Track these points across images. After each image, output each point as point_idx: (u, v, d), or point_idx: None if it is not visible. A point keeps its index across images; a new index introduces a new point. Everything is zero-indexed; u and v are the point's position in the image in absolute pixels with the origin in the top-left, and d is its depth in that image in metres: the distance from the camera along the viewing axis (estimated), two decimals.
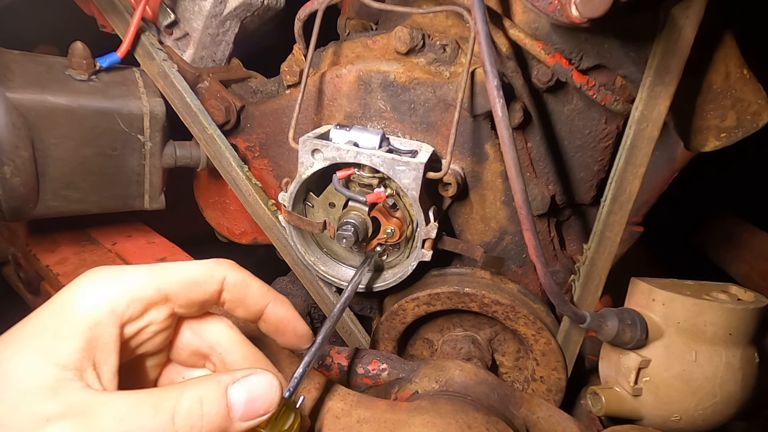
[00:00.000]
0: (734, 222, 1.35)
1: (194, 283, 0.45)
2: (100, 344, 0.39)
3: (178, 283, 0.44)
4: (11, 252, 1.02)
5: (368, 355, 0.75)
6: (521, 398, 0.71)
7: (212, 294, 0.46)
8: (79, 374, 0.37)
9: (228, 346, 0.49)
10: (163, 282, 0.43)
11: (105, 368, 0.40)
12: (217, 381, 0.41)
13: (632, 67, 0.76)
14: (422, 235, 0.77)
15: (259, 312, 0.50)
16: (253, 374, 0.43)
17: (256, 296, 0.49)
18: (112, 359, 0.40)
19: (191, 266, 0.46)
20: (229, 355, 0.48)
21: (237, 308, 0.49)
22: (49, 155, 0.77)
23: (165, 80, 0.87)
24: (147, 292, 0.42)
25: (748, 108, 0.77)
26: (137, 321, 0.42)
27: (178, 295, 0.44)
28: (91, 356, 0.39)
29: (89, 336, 0.39)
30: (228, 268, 0.47)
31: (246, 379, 0.42)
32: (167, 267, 0.44)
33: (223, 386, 0.41)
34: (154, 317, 0.43)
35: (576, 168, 0.86)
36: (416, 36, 0.79)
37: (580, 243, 0.96)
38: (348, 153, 0.73)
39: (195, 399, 0.39)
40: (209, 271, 0.46)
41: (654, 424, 0.74)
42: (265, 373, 0.43)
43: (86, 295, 0.40)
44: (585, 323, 0.72)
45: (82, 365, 0.38)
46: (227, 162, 0.90)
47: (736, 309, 0.70)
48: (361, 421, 0.58)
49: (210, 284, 0.46)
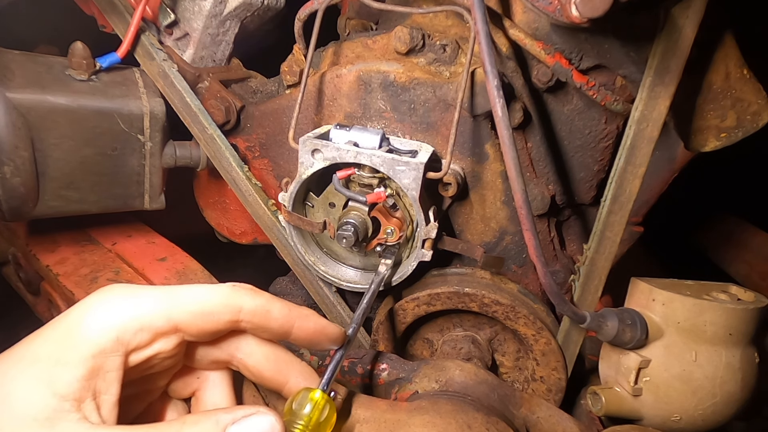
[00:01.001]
0: (734, 222, 1.35)
1: (207, 314, 0.43)
2: (103, 373, 0.38)
3: (191, 314, 0.42)
4: (11, 252, 1.02)
5: (368, 355, 0.75)
6: (521, 398, 0.71)
7: (226, 324, 0.44)
8: (77, 405, 0.37)
9: (249, 350, 0.47)
10: (175, 312, 0.41)
11: (105, 398, 0.39)
12: (215, 421, 0.39)
13: (632, 67, 0.76)
14: (422, 235, 0.77)
15: (285, 333, 0.47)
16: (254, 414, 0.40)
17: (279, 320, 0.46)
18: (114, 388, 0.39)
19: (206, 294, 0.43)
20: (251, 358, 0.47)
21: (261, 333, 0.47)
22: (49, 155, 0.77)
23: (165, 80, 0.87)
24: (157, 322, 0.41)
25: (748, 108, 0.77)
26: (144, 350, 0.41)
27: (190, 326, 0.42)
28: (92, 386, 0.38)
29: (92, 365, 0.38)
30: (245, 296, 0.44)
31: (246, 421, 0.40)
32: (181, 294, 0.42)
33: (222, 427, 0.39)
34: (163, 347, 0.42)
35: (576, 168, 0.86)
36: (416, 36, 0.79)
37: (580, 243, 0.96)
38: (348, 153, 0.73)
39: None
40: (224, 300, 0.43)
41: (654, 424, 0.74)
42: (267, 414, 0.41)
43: (93, 319, 0.39)
44: (585, 323, 0.72)
45: (81, 395, 0.37)
46: (227, 162, 0.90)
47: (736, 309, 0.70)
48: (361, 421, 0.58)
49: (224, 314, 0.43)
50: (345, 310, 0.95)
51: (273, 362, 0.47)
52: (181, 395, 0.50)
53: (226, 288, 0.44)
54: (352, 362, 0.74)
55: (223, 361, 0.48)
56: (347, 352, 0.56)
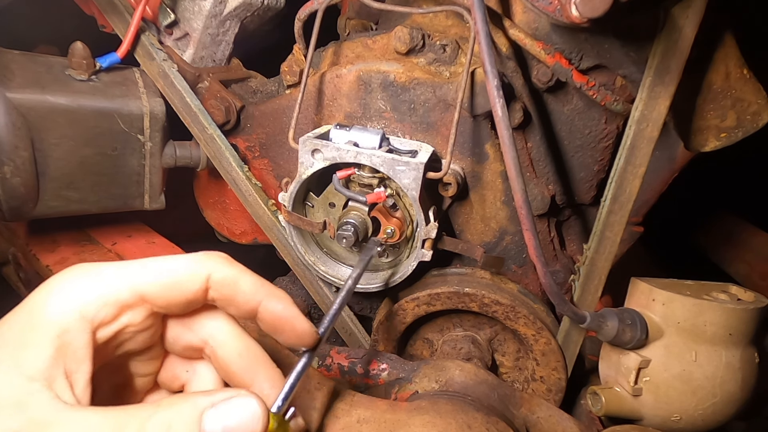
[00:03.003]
0: (734, 222, 1.35)
1: (174, 282, 0.41)
2: (71, 351, 0.37)
3: (156, 284, 0.40)
4: (11, 252, 1.02)
5: (368, 355, 0.75)
6: (521, 398, 0.71)
7: (196, 293, 0.42)
8: (48, 384, 0.36)
9: (222, 339, 0.44)
10: (139, 283, 0.40)
11: (77, 377, 0.38)
12: (192, 404, 0.37)
13: (632, 67, 0.76)
14: (422, 235, 0.77)
15: (252, 310, 0.44)
16: (234, 397, 0.38)
17: (246, 294, 0.43)
18: (85, 366, 0.38)
19: (172, 263, 0.41)
20: (222, 350, 0.44)
21: (228, 307, 0.44)
22: (49, 155, 0.77)
23: (165, 80, 0.87)
24: (120, 295, 0.39)
25: (748, 108, 0.77)
26: (111, 324, 0.40)
27: (156, 297, 0.40)
28: (61, 364, 0.37)
29: (58, 344, 0.37)
30: (215, 264, 0.42)
31: (226, 404, 0.38)
32: (145, 265, 0.41)
33: (199, 411, 0.37)
34: (131, 319, 0.40)
35: (576, 168, 0.86)
36: (416, 36, 0.79)
37: (580, 243, 0.96)
38: (348, 153, 0.73)
39: (162, 425, 0.36)
40: (192, 268, 0.41)
41: (654, 424, 0.74)
42: (249, 397, 0.39)
43: (54, 300, 0.38)
44: (585, 323, 0.72)
45: (51, 374, 0.36)
46: (227, 162, 0.90)
47: (736, 309, 0.70)
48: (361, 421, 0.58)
49: (192, 283, 0.41)
50: (345, 310, 0.95)
51: (244, 359, 0.45)
52: (171, 388, 0.49)
53: (196, 255, 0.42)
54: (352, 362, 0.74)
55: (197, 347, 0.46)
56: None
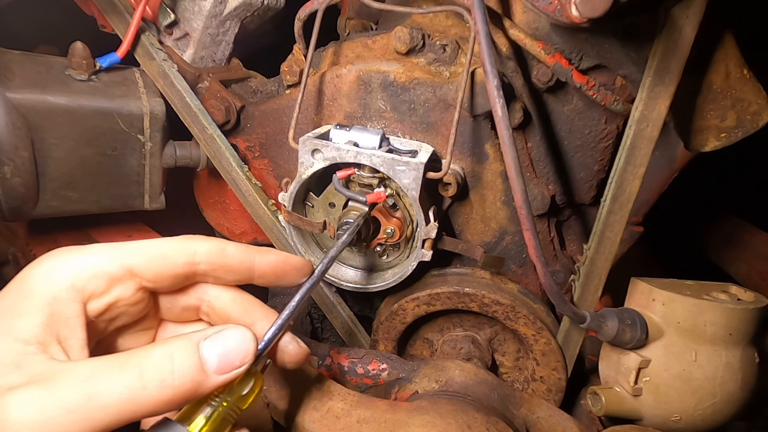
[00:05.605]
0: (734, 222, 1.35)
1: (160, 256, 0.43)
2: (63, 319, 0.39)
3: (144, 258, 0.43)
4: (11, 252, 1.02)
5: (368, 355, 0.75)
6: (521, 398, 0.71)
7: (183, 266, 0.45)
8: (42, 348, 0.37)
9: (215, 293, 0.48)
10: (127, 257, 0.42)
11: (72, 342, 0.39)
12: (188, 338, 0.40)
13: (632, 67, 0.76)
14: (422, 235, 0.77)
15: (248, 270, 0.48)
16: (225, 329, 0.42)
17: (237, 256, 0.47)
18: (79, 333, 0.39)
19: (159, 241, 0.44)
20: (218, 300, 0.48)
21: (225, 274, 0.47)
22: (49, 155, 0.77)
23: (165, 80, 0.87)
24: (110, 268, 0.41)
25: (748, 108, 0.77)
26: (102, 297, 0.42)
27: (144, 270, 0.43)
28: (54, 331, 0.38)
29: (49, 311, 0.38)
30: (199, 240, 0.46)
31: (219, 334, 0.41)
32: (134, 243, 0.43)
33: (195, 342, 0.40)
34: (122, 293, 0.43)
35: (576, 168, 0.86)
36: (416, 36, 0.79)
37: (580, 243, 0.96)
38: (348, 153, 0.73)
39: (164, 354, 0.38)
40: (177, 244, 0.45)
41: (654, 424, 0.74)
42: (238, 327, 0.42)
43: (45, 271, 0.40)
44: (585, 323, 0.72)
45: (45, 339, 0.37)
46: (227, 162, 0.90)
47: (736, 309, 0.70)
48: (361, 421, 0.58)
49: (178, 257, 0.44)
50: (345, 310, 0.95)
51: (240, 304, 0.48)
52: None
53: (180, 236, 0.46)
54: (352, 362, 0.74)
55: (193, 306, 0.48)
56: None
